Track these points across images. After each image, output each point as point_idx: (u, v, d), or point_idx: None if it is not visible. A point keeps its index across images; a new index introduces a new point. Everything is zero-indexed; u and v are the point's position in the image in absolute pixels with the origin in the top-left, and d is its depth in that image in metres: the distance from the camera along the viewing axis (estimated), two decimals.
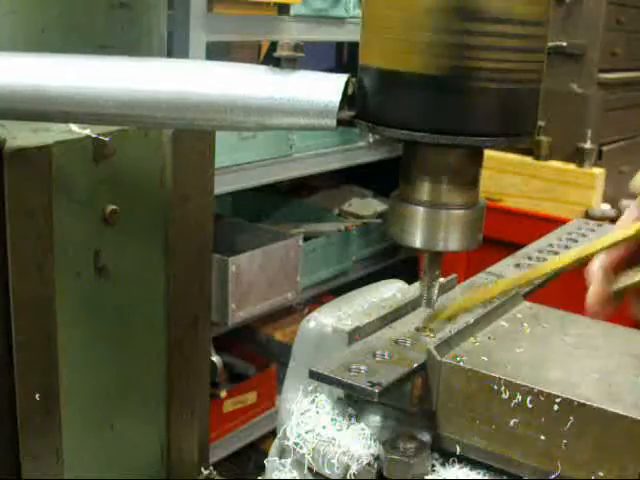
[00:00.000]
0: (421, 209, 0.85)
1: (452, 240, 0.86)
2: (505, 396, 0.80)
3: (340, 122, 0.84)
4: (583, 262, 1.07)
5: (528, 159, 3.16)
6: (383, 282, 1.14)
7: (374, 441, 0.85)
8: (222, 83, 0.88)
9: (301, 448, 0.87)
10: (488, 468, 0.83)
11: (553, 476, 0.78)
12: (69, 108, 0.94)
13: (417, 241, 0.86)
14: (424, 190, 0.85)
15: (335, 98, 0.83)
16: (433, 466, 0.83)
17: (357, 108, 0.84)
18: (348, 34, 2.95)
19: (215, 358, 1.49)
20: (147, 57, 0.98)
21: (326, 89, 0.84)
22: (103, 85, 0.92)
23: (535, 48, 0.80)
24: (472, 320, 0.93)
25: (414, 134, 0.79)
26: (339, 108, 0.83)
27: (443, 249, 0.86)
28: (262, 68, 0.88)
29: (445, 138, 0.79)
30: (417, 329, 0.96)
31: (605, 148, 3.32)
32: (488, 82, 0.78)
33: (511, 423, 0.80)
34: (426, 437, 0.84)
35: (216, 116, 0.88)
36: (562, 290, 1.42)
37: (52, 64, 0.97)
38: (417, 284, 1.02)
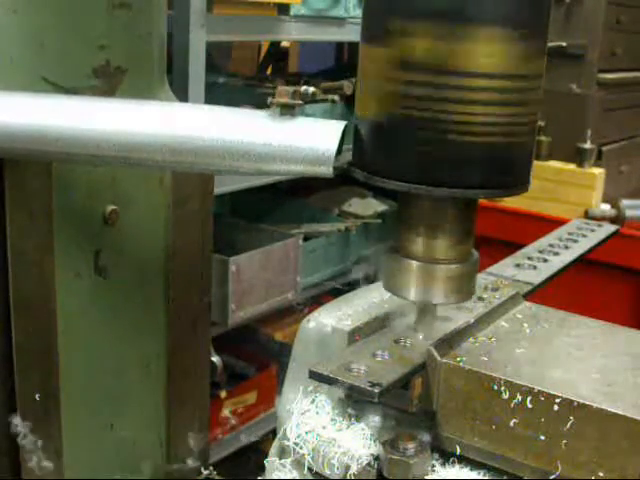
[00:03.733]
0: (415, 263, 0.87)
1: (445, 293, 0.88)
2: (505, 396, 0.80)
3: (337, 170, 0.85)
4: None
5: None
6: None
7: (374, 441, 0.85)
8: (221, 129, 0.89)
9: (301, 448, 0.87)
10: (488, 468, 0.83)
11: (553, 476, 0.78)
12: (71, 149, 0.96)
13: (411, 294, 0.88)
14: (418, 245, 0.87)
15: (332, 147, 0.84)
16: (433, 466, 0.83)
17: (353, 156, 0.85)
18: (348, 34, 2.95)
19: (215, 358, 1.49)
20: (148, 101, 1.00)
21: (323, 137, 0.85)
22: (104, 128, 0.94)
23: (526, 101, 0.81)
24: (472, 320, 0.93)
25: (409, 186, 0.80)
26: (336, 156, 0.84)
27: (436, 302, 0.89)
28: (261, 114, 0.89)
29: (440, 190, 0.80)
30: (416, 329, 0.96)
31: (605, 148, 3.32)
32: (481, 136, 0.79)
33: (511, 423, 0.80)
34: (426, 437, 0.84)
35: (215, 161, 0.89)
36: (562, 290, 1.43)
37: (53, 106, 0.98)
38: None
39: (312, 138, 0.85)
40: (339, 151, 0.85)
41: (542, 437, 0.78)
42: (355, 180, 0.85)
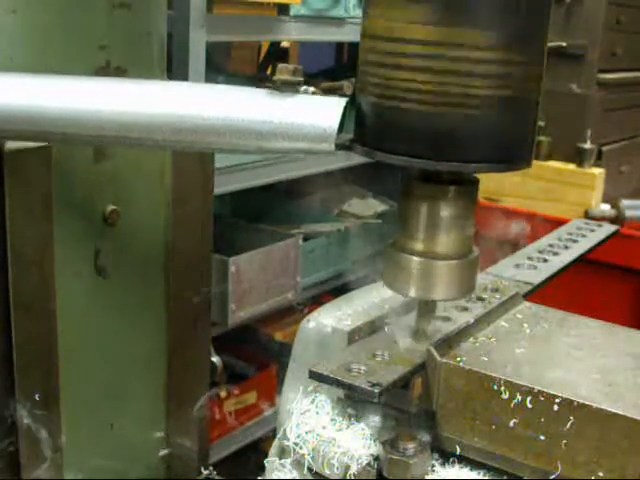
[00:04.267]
0: (415, 259, 0.86)
1: (446, 289, 0.87)
2: (505, 396, 0.80)
3: (338, 146, 0.85)
4: None
5: None
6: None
7: (374, 441, 0.85)
8: (222, 107, 0.88)
9: (301, 448, 0.87)
10: (488, 468, 0.83)
11: (553, 476, 0.78)
12: (69, 130, 0.95)
13: (411, 290, 0.87)
14: (419, 241, 0.86)
15: (334, 123, 0.83)
16: (433, 466, 0.83)
17: (355, 132, 0.85)
18: (348, 34, 2.95)
19: (215, 358, 1.49)
20: (147, 80, 0.99)
21: (325, 114, 0.84)
22: (104, 108, 0.93)
23: (527, 75, 0.81)
24: (472, 320, 0.93)
25: (410, 160, 0.80)
26: (337, 132, 0.83)
27: (437, 298, 0.88)
28: (262, 92, 0.89)
29: (441, 164, 0.79)
30: (417, 327, 0.96)
31: (605, 148, 3.32)
32: (483, 109, 0.78)
33: (511, 423, 0.80)
34: (426, 437, 0.84)
35: (215, 139, 0.89)
36: (562, 290, 1.43)
37: (53, 86, 0.97)
38: None
39: (313, 115, 0.84)
40: (340, 128, 0.84)
41: (542, 437, 0.78)
42: (355, 180, 0.85)
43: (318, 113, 0.84)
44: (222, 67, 3.17)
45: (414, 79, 0.78)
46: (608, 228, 1.42)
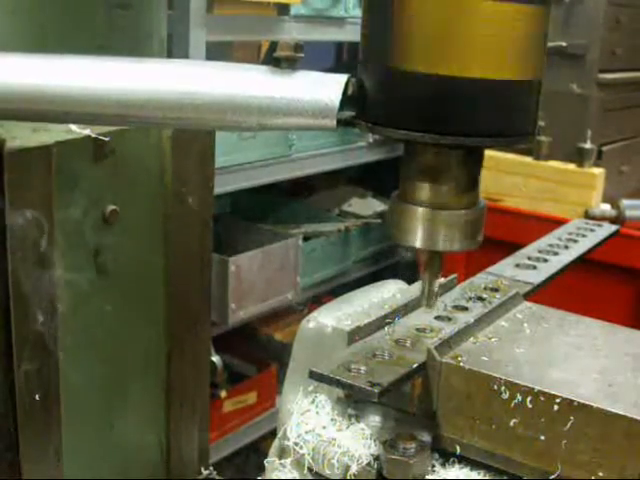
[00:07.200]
0: (420, 209, 0.84)
1: (451, 240, 0.85)
2: (505, 396, 0.80)
3: (340, 122, 0.84)
4: None
5: (528, 159, 3.16)
6: (383, 282, 1.14)
7: (374, 441, 0.85)
8: (222, 83, 0.88)
9: (301, 448, 0.87)
10: (488, 468, 0.83)
11: (553, 476, 0.78)
12: (69, 108, 0.94)
13: (417, 241, 0.85)
14: (424, 190, 0.85)
15: (335, 98, 0.83)
16: (433, 466, 0.83)
17: (357, 108, 0.84)
18: (348, 34, 2.95)
19: (215, 358, 1.49)
20: (147, 57, 0.98)
21: (326, 89, 0.84)
22: (103, 85, 0.92)
23: (530, 46, 0.80)
24: (472, 320, 0.93)
25: (414, 134, 0.79)
26: (339, 108, 0.83)
27: (442, 249, 0.86)
28: (262, 68, 0.88)
29: (445, 139, 0.78)
30: (417, 329, 0.96)
31: (605, 148, 3.32)
32: (484, 82, 0.78)
33: (511, 423, 0.80)
34: (426, 437, 0.84)
35: (216, 116, 0.88)
36: (562, 290, 1.43)
37: (52, 64, 0.97)
38: (417, 284, 1.02)
39: (315, 90, 0.84)
40: (342, 105, 0.84)
41: (542, 437, 0.78)
42: (355, 180, 0.84)
43: (319, 89, 0.83)
44: None
45: (414, 49, 0.77)
46: (608, 228, 1.43)
